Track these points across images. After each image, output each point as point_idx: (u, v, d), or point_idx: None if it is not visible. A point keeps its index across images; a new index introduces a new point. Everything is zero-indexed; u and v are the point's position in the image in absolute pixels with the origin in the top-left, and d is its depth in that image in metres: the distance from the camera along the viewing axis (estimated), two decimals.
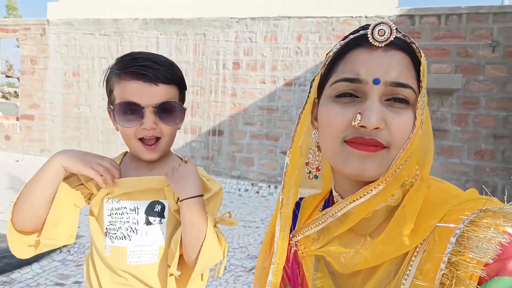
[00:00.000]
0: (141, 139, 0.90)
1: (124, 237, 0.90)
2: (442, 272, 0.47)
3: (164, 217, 0.92)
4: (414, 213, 0.53)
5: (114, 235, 0.91)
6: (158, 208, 0.92)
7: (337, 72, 0.57)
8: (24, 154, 6.53)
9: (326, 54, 0.62)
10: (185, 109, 0.96)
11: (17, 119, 6.72)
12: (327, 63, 0.61)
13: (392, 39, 0.53)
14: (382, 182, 0.55)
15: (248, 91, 5.29)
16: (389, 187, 0.55)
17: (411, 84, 0.54)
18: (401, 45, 0.54)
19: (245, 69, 5.33)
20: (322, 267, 0.61)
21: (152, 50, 5.77)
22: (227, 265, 2.75)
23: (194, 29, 5.51)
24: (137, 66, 0.87)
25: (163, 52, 5.66)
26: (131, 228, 0.91)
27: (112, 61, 0.95)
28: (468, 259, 0.45)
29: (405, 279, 0.50)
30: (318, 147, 0.65)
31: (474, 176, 4.59)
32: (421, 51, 0.56)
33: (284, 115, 5.19)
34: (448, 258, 0.47)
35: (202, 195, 0.90)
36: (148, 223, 0.91)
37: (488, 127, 4.54)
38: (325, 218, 0.61)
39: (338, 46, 0.59)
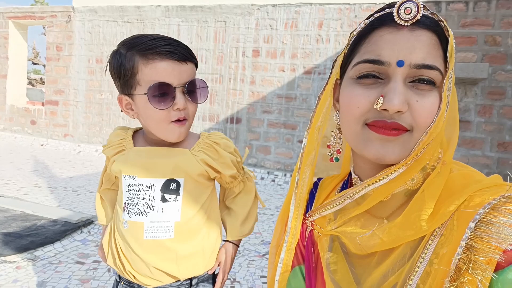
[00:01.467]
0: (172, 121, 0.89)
1: (141, 213, 0.92)
2: (459, 256, 0.46)
3: (179, 195, 0.93)
4: (434, 197, 0.52)
5: (132, 210, 0.93)
6: (173, 186, 0.93)
7: (359, 53, 0.56)
8: (48, 138, 6.74)
9: (350, 34, 0.60)
10: (207, 87, 0.95)
11: (43, 104, 6.94)
12: (350, 42, 0.59)
13: (419, 17, 0.51)
14: (402, 166, 0.54)
15: (267, 79, 5.26)
16: (409, 170, 0.55)
17: (438, 66, 0.52)
18: (428, 24, 0.52)
19: (265, 57, 5.30)
20: (337, 247, 0.61)
21: (174, 37, 5.78)
22: (241, 249, 2.79)
23: (215, 16, 5.50)
24: (164, 45, 0.85)
25: (184, 39, 5.69)
26: (148, 205, 0.92)
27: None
28: (487, 245, 0.45)
29: (420, 262, 0.50)
30: (339, 129, 0.65)
31: (496, 169, 4.45)
32: (449, 29, 0.53)
33: (302, 103, 5.15)
34: (465, 243, 0.46)
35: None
36: (164, 200, 0.93)
37: None
38: (342, 199, 0.62)
39: (362, 25, 0.57)
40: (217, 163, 0.96)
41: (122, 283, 1.00)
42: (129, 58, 0.87)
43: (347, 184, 0.70)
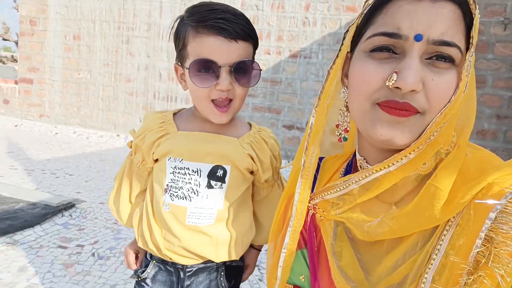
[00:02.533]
0: (213, 100, 0.85)
1: (185, 197, 0.90)
2: (478, 249, 0.43)
3: (225, 182, 0.91)
4: (448, 184, 0.49)
5: (175, 194, 0.91)
6: (220, 172, 0.90)
7: (375, 24, 0.52)
8: (22, 119, 6.47)
9: (365, 2, 0.55)
10: (261, 70, 0.89)
11: (16, 82, 6.62)
12: (365, 12, 0.54)
13: None
14: (414, 150, 0.50)
15: None
16: (421, 155, 0.51)
17: (457, 42, 0.48)
18: None
19: None
20: (341, 233, 0.58)
21: (155, 15, 5.61)
22: None
23: None
24: (216, 18, 0.80)
25: (167, 17, 5.51)
26: (193, 190, 0.90)
27: (114, 25, 0.89)
28: (509, 237, 0.42)
29: (436, 254, 0.47)
30: (347, 107, 0.61)
31: None
32: (475, 1, 0.49)
33: (287, 88, 5.11)
34: (485, 235, 0.43)
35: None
36: (209, 186, 0.90)
37: (492, 107, 4.49)
38: (347, 184, 0.58)
39: None
40: (259, 162, 0.94)
41: (154, 261, 1.00)
42: (185, 27, 0.84)
43: (351, 165, 0.66)
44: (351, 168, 0.66)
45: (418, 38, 0.47)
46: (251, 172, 0.96)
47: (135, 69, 5.84)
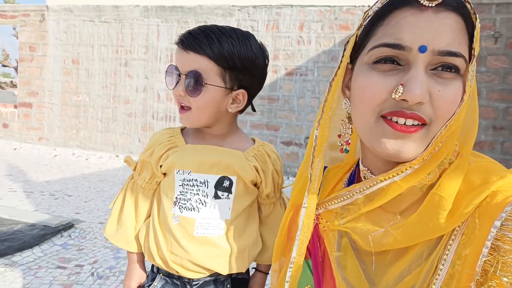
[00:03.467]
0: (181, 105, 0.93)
1: (194, 208, 0.92)
2: (485, 258, 0.43)
3: (231, 193, 0.93)
4: (452, 193, 0.49)
5: (184, 205, 0.92)
6: (226, 183, 0.93)
7: (376, 35, 0.51)
8: (22, 142, 6.48)
9: (365, 13, 0.55)
10: (208, 85, 0.85)
11: (15, 107, 6.67)
12: (365, 24, 0.54)
13: None
14: (419, 162, 0.50)
15: None
16: (426, 165, 0.51)
17: (463, 52, 0.47)
18: (454, 5, 0.47)
19: None
20: (346, 244, 0.58)
21: (153, 38, 5.72)
22: None
23: (196, 17, 5.46)
24: (186, 33, 0.88)
25: (164, 40, 5.61)
26: (201, 201, 0.92)
27: (112, 49, 0.97)
28: None
29: (442, 264, 0.46)
30: (349, 118, 0.60)
31: None
32: (476, 12, 0.49)
33: (285, 105, 5.17)
34: (491, 243, 0.43)
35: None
36: (216, 197, 0.92)
37: (488, 118, 4.54)
38: (351, 194, 0.58)
39: (379, 5, 0.52)
40: (263, 174, 0.96)
41: (161, 274, 0.99)
42: None
43: (354, 175, 0.66)
44: (354, 178, 0.65)
45: (422, 49, 0.46)
46: (255, 185, 0.98)
47: (133, 90, 5.91)
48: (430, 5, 0.46)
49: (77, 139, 6.25)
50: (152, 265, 1.02)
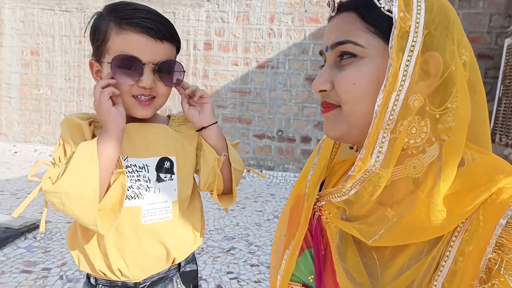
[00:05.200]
0: (135, 96, 0.84)
1: (137, 196, 0.86)
2: (489, 256, 0.42)
3: (174, 173, 0.90)
4: (440, 194, 0.47)
5: (126, 195, 0.84)
6: (167, 164, 0.89)
7: None
8: None
9: None
10: (184, 72, 0.91)
11: None
12: None
13: (338, 5, 0.55)
14: (362, 149, 0.51)
15: (220, 73, 5.17)
16: (387, 156, 0.50)
17: (352, 38, 0.51)
18: (349, 6, 0.54)
19: (217, 50, 5.20)
20: (347, 235, 0.58)
21: None
22: (204, 247, 2.71)
23: (163, 7, 5.29)
24: (142, 17, 0.80)
25: None
26: (143, 186, 0.86)
27: (75, 39, 0.86)
28: None
29: (445, 261, 0.46)
30: None
31: None
32: None
33: (257, 98, 5.14)
34: (495, 241, 0.43)
35: (216, 122, 0.94)
36: (159, 180, 0.88)
37: None
38: (349, 188, 0.57)
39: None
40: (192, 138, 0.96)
41: (100, 285, 0.91)
42: (105, 23, 0.82)
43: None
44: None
45: (326, 49, 0.56)
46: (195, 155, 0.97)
47: None
48: (333, 14, 0.57)
49: (39, 134, 5.94)
50: (88, 277, 0.94)
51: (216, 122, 0.94)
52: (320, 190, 0.66)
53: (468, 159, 0.51)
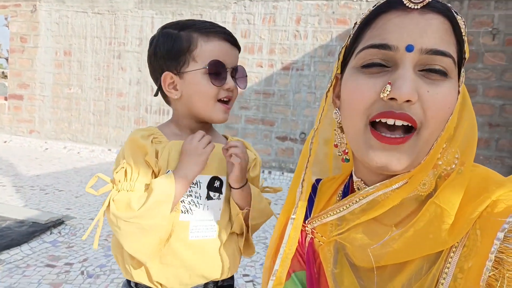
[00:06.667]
0: (219, 100, 0.90)
1: (187, 211, 0.88)
2: (489, 272, 0.40)
3: (222, 193, 0.92)
4: (455, 203, 0.46)
5: (177, 208, 0.86)
6: (217, 183, 0.91)
7: (364, 39, 0.50)
8: (12, 135, 6.37)
9: (354, 24, 0.54)
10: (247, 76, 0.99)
11: (6, 98, 6.53)
12: (353, 32, 0.53)
13: (429, 0, 0.46)
14: (415, 173, 0.49)
15: None
16: (418, 175, 0.49)
17: (452, 53, 0.47)
18: (439, 7, 0.47)
19: (242, 52, 5.19)
20: (342, 259, 0.55)
21: (147, 30, 5.62)
22: None
23: (191, 9, 5.35)
24: (219, 27, 0.89)
25: None
26: (193, 202, 0.88)
27: (105, 40, 0.88)
28: None
29: (444, 278, 0.44)
30: (341, 128, 0.59)
31: None
32: (462, 17, 0.48)
33: (280, 100, 5.11)
34: (495, 256, 0.40)
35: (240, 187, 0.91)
36: (209, 197, 0.90)
37: (484, 115, 4.52)
38: (346, 206, 0.55)
39: (367, 13, 0.52)
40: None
41: None
42: (185, 35, 0.88)
43: (348, 187, 0.63)
44: (348, 190, 0.63)
45: (409, 48, 0.46)
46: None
47: (126, 83, 5.81)
48: (415, 7, 0.46)
49: (68, 132, 6.15)
50: (128, 282, 0.94)
51: (241, 187, 0.90)
52: (310, 214, 0.64)
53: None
